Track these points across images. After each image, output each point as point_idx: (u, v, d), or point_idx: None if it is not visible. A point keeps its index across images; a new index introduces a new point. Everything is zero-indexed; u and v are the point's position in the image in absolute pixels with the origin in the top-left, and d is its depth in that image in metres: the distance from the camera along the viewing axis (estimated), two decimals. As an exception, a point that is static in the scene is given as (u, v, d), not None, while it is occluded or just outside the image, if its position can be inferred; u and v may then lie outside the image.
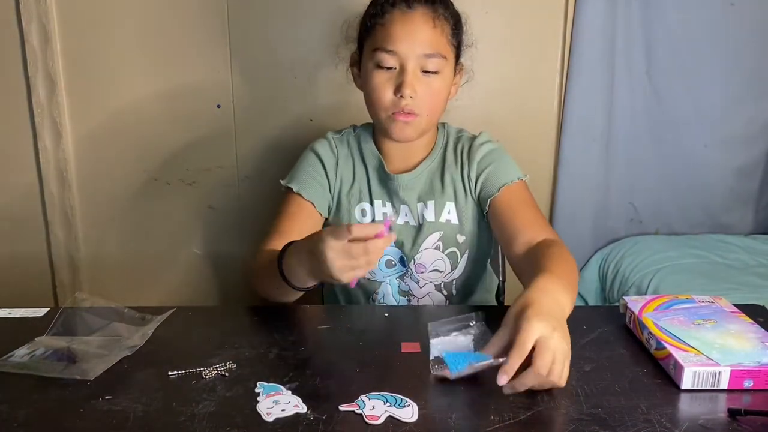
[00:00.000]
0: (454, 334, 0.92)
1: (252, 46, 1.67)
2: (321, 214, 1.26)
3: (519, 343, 0.79)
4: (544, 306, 0.84)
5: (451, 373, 0.84)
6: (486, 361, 0.83)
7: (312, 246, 0.92)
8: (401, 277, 1.28)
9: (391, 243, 0.89)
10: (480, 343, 0.89)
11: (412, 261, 1.25)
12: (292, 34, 1.67)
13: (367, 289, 1.29)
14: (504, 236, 1.18)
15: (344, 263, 0.88)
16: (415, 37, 1.13)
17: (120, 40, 1.67)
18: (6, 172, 1.75)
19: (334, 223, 1.28)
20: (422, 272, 1.26)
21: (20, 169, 1.74)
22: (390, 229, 0.89)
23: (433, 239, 1.25)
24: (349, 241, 0.87)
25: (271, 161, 1.73)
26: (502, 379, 0.79)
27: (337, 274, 0.89)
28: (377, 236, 0.87)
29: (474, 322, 0.92)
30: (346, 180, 1.27)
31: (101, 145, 1.74)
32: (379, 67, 1.15)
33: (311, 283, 1.01)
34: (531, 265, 1.03)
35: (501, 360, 0.81)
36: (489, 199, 1.21)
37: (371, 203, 1.27)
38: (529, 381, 0.80)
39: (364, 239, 0.87)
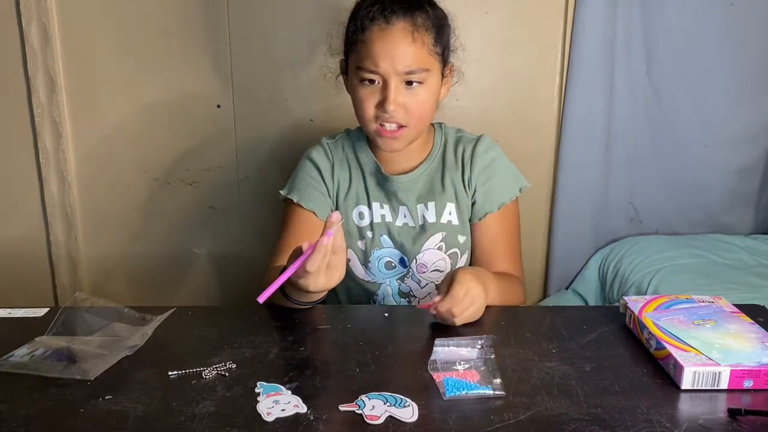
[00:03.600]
0: (460, 347, 0.92)
1: (252, 46, 1.67)
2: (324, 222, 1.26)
3: (451, 292, 1.00)
4: (473, 272, 1.05)
5: (446, 394, 0.84)
6: (483, 390, 0.84)
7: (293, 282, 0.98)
8: (401, 279, 1.28)
9: (336, 225, 0.93)
10: (481, 362, 0.90)
11: (414, 261, 1.26)
12: (292, 35, 1.67)
13: (367, 291, 1.29)
14: (479, 252, 1.28)
15: (318, 278, 0.94)
16: (394, 55, 1.12)
17: (120, 39, 1.67)
18: (6, 172, 1.75)
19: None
20: (423, 272, 1.26)
21: (20, 170, 1.74)
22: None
23: (435, 240, 1.25)
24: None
25: (271, 161, 1.73)
26: (433, 309, 1.00)
27: (325, 286, 0.96)
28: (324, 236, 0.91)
29: (481, 342, 0.93)
30: (343, 184, 1.28)
31: (101, 145, 1.74)
32: (362, 82, 1.16)
33: (316, 297, 1.05)
34: None
35: (499, 393, 0.83)
36: (487, 214, 1.25)
37: (369, 206, 1.27)
38: (442, 307, 0.99)
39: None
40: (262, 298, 0.91)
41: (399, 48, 1.12)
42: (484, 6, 1.65)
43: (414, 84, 1.14)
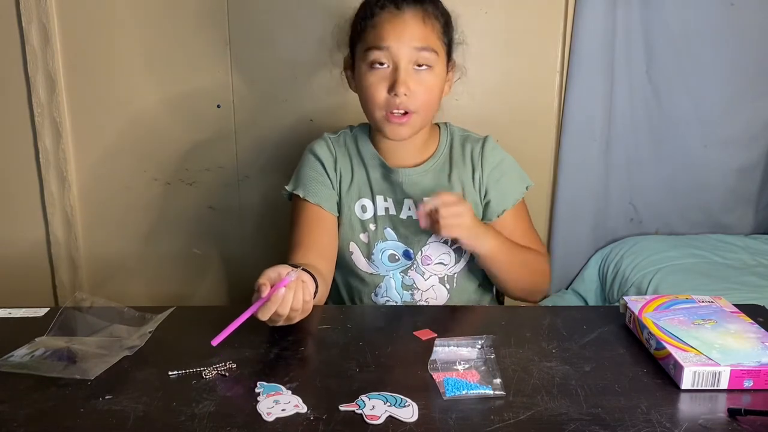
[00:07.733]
0: (460, 347, 0.92)
1: (252, 46, 1.67)
2: (332, 214, 1.27)
3: (439, 194, 1.10)
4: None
5: (446, 394, 0.84)
6: (484, 390, 0.84)
7: None
8: (405, 271, 1.28)
9: (291, 277, 0.96)
10: (481, 362, 0.90)
11: (419, 253, 1.27)
12: (292, 34, 1.67)
13: (369, 284, 1.29)
14: None
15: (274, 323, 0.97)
16: (405, 33, 1.16)
17: (120, 39, 1.67)
18: (6, 172, 1.75)
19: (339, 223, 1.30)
20: (428, 264, 1.28)
21: (20, 169, 1.74)
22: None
23: None
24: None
25: (271, 161, 1.73)
26: (421, 207, 1.11)
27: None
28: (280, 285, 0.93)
29: (481, 342, 0.93)
30: (345, 177, 1.29)
31: (101, 145, 1.74)
32: (372, 66, 1.17)
33: None
34: None
35: (499, 393, 0.83)
36: (504, 211, 1.29)
37: (372, 199, 1.28)
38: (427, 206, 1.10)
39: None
40: (216, 342, 0.92)
41: (410, 27, 1.16)
42: (484, 6, 1.65)
43: (423, 67, 1.17)
